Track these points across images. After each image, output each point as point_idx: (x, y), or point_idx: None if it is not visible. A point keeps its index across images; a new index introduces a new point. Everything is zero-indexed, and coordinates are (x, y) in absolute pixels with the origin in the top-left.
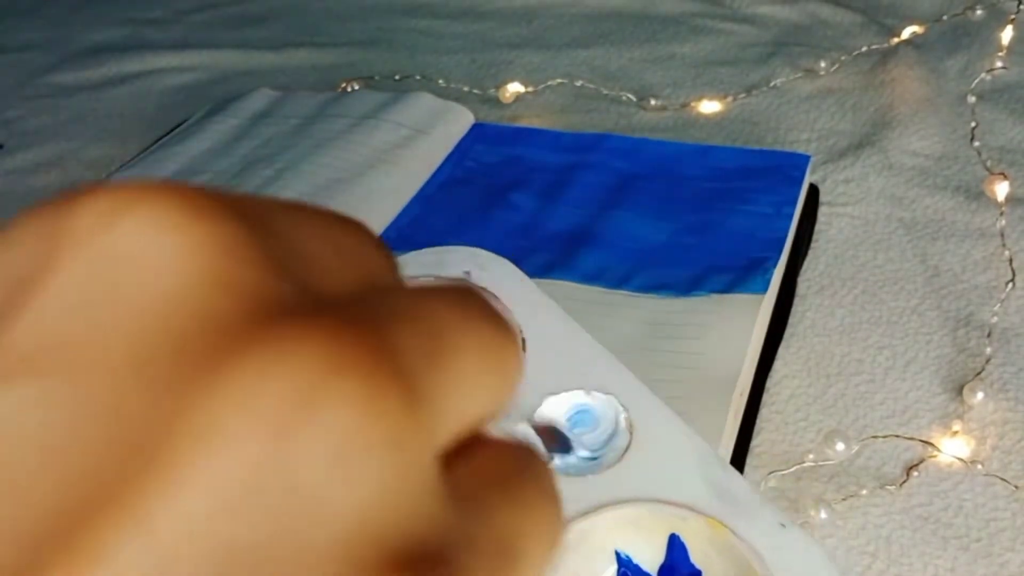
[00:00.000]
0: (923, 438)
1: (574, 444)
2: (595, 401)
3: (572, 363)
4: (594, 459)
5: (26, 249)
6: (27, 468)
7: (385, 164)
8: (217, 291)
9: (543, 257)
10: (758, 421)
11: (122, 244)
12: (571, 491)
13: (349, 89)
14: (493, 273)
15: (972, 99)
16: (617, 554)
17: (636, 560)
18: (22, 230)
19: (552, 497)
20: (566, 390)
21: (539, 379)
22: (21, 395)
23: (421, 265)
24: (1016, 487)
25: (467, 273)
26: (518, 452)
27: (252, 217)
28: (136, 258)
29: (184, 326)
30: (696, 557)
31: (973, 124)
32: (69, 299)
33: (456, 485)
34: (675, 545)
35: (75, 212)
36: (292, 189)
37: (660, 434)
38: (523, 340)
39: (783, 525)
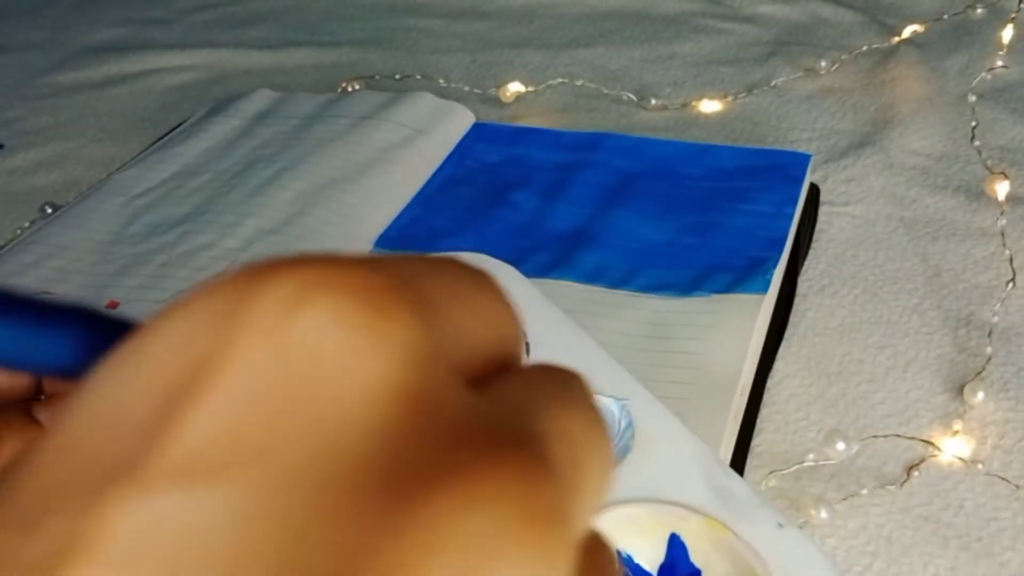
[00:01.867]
0: (924, 438)
1: None
2: (603, 403)
3: (575, 366)
4: None
5: (204, 325)
6: None
7: (386, 164)
8: (401, 407)
9: (544, 256)
10: (759, 421)
11: (305, 339)
12: None
13: (350, 89)
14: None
15: (973, 98)
16: (618, 553)
17: (637, 559)
18: (201, 303)
19: (600, 419)
20: None
21: None
22: (186, 505)
23: None
24: (1017, 486)
25: None
26: (560, 374)
27: (419, 301)
28: (318, 357)
29: (369, 444)
30: (696, 556)
31: (974, 123)
32: (245, 396)
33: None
34: (675, 544)
35: (258, 294)
36: (292, 189)
37: (661, 436)
38: (526, 345)
39: (781, 525)
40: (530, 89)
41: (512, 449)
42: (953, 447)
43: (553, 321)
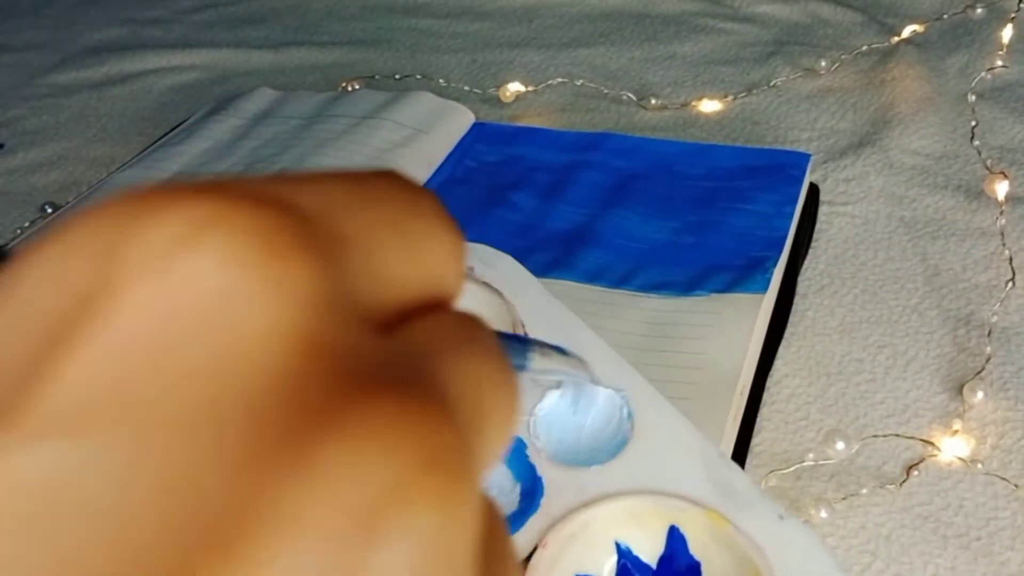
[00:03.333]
0: (923, 437)
1: (575, 435)
2: (596, 394)
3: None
4: (595, 451)
5: (85, 259)
6: (71, 537)
7: (386, 163)
8: (295, 352)
9: (543, 256)
10: (758, 420)
11: (193, 281)
12: (572, 482)
13: (350, 89)
14: (497, 269)
15: (972, 98)
16: (617, 545)
17: (636, 551)
18: (82, 233)
19: (504, 363)
20: (567, 384)
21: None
22: (68, 454)
23: None
24: (1016, 486)
25: (470, 269)
26: (467, 320)
27: (325, 239)
28: (207, 301)
29: (262, 390)
30: (695, 548)
31: (973, 123)
32: (130, 340)
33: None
34: (674, 536)
35: (143, 229)
36: None
37: (661, 427)
38: (525, 335)
39: (781, 517)
40: (530, 89)
41: (412, 393)
42: (953, 447)
43: (552, 311)
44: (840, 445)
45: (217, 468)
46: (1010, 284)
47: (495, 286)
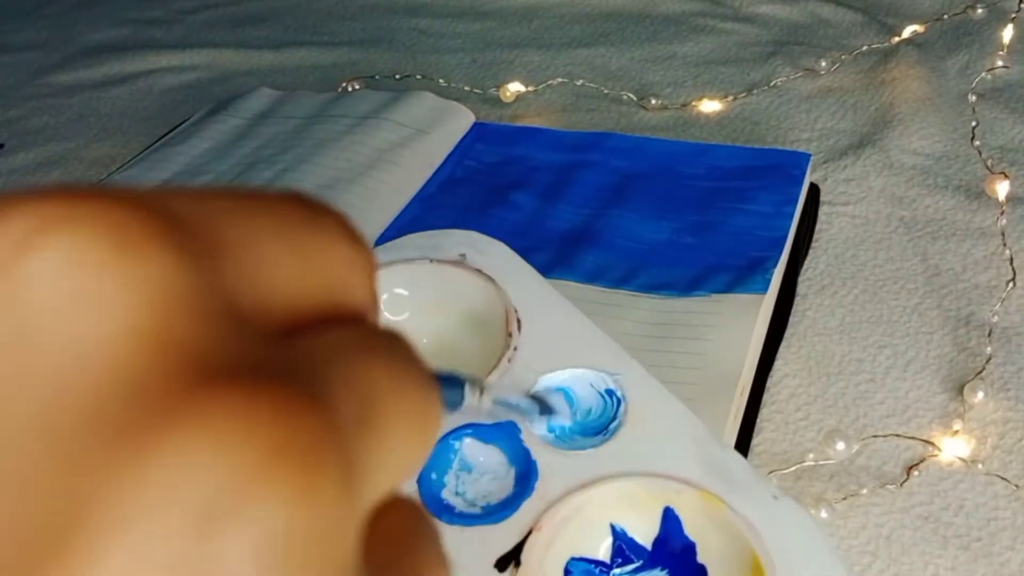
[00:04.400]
0: (923, 437)
1: (564, 416)
2: (590, 378)
3: (567, 342)
4: (589, 435)
5: None
6: None
7: (386, 163)
8: (140, 347)
9: (543, 256)
10: (759, 420)
11: (35, 281)
12: (567, 466)
13: (350, 89)
14: (489, 256)
15: (973, 98)
16: (612, 527)
17: (631, 533)
18: None
19: (417, 377)
20: (561, 368)
21: (534, 358)
22: None
23: (418, 248)
24: (1016, 486)
25: (463, 256)
26: (382, 334)
27: (185, 237)
28: (49, 302)
29: (102, 389)
30: (690, 529)
31: (974, 123)
32: None
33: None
34: (669, 518)
35: None
36: (293, 189)
37: (655, 411)
38: (518, 320)
39: (776, 497)
40: (530, 89)
41: (271, 387)
42: (953, 447)
43: (545, 297)
44: (840, 445)
45: (49, 469)
46: (1010, 284)
47: (487, 272)
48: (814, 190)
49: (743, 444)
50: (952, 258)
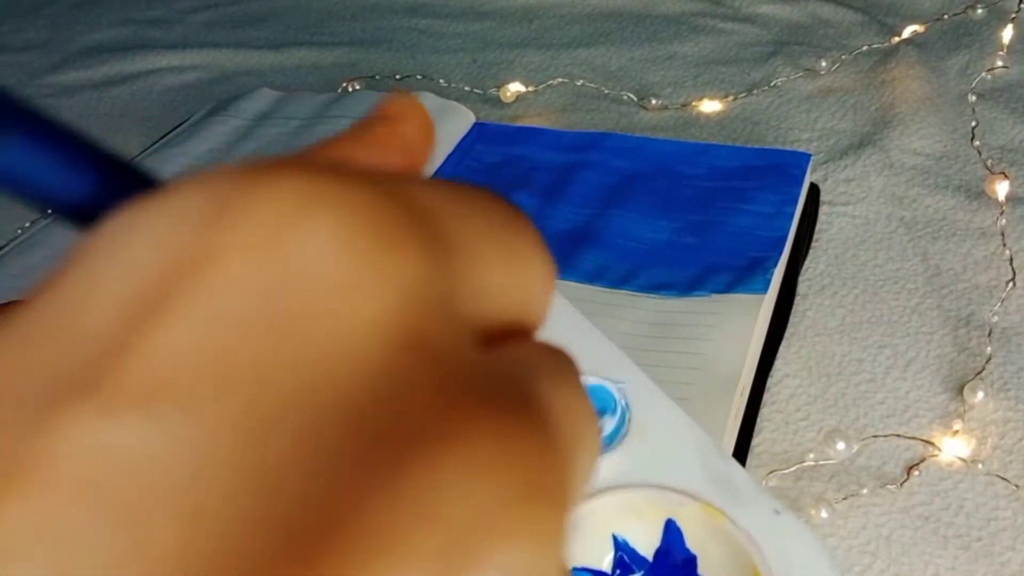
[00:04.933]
0: (924, 437)
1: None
2: (593, 385)
3: (570, 349)
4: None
5: (186, 226)
6: (143, 519)
7: None
8: (401, 350)
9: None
10: (759, 420)
11: (300, 259)
12: None
13: (350, 89)
14: None
15: (973, 98)
16: (615, 538)
17: (633, 544)
18: (186, 198)
19: (589, 403)
20: None
21: None
22: (148, 430)
23: None
24: (1017, 486)
25: None
26: (561, 355)
27: (436, 241)
28: (312, 282)
29: (361, 390)
30: (692, 542)
31: (974, 123)
32: (227, 315)
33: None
34: (671, 530)
35: (252, 200)
36: None
37: (658, 420)
38: None
39: (777, 512)
40: (530, 89)
41: (520, 414)
42: (953, 447)
43: (553, 303)
44: (840, 445)
45: (306, 470)
46: (1010, 284)
47: None
48: (814, 190)
49: (743, 444)
50: (952, 258)
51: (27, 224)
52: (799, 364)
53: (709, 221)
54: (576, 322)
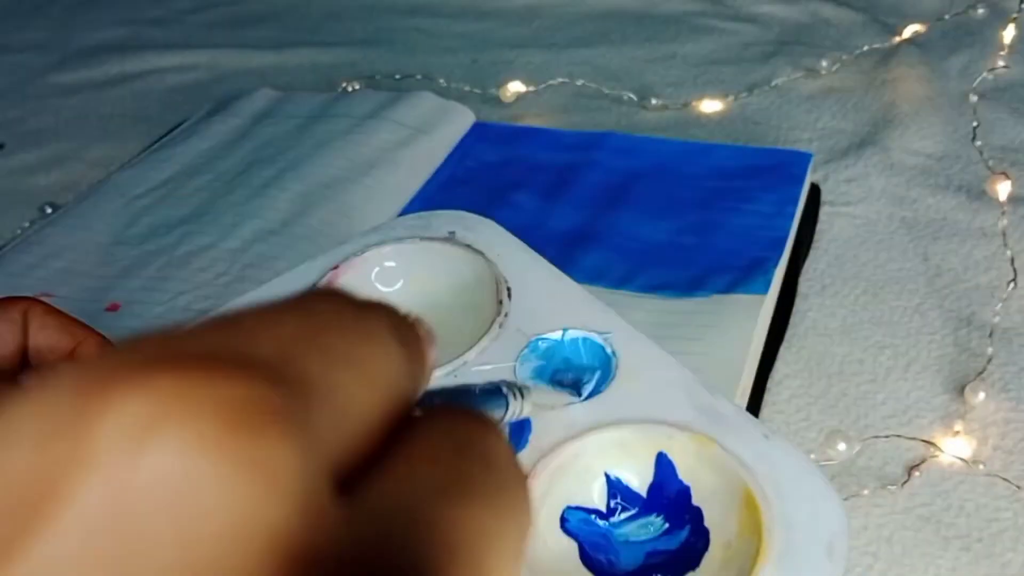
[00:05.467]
0: (925, 438)
1: (565, 381)
2: (581, 337)
3: (557, 306)
4: (581, 390)
5: (30, 453)
6: None
7: (386, 164)
8: (275, 557)
9: (544, 257)
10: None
11: (156, 477)
12: (560, 419)
13: (350, 89)
14: (479, 233)
15: (974, 98)
16: (607, 476)
17: (625, 481)
18: (29, 420)
19: (512, 477)
20: (552, 331)
21: (527, 323)
22: None
23: (408, 228)
24: (1018, 487)
25: (452, 233)
26: (457, 425)
27: (294, 397)
28: (173, 498)
29: None
30: (684, 472)
31: (975, 123)
32: (81, 549)
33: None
34: (663, 463)
35: (100, 417)
36: (293, 189)
37: (644, 363)
38: (508, 289)
39: (767, 436)
40: (530, 89)
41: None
42: (954, 447)
43: (535, 267)
44: (841, 446)
45: None
46: (1012, 285)
47: (477, 247)
48: (815, 190)
49: None
50: (953, 258)
51: (27, 224)
52: (800, 365)
53: (709, 221)
54: (561, 282)
